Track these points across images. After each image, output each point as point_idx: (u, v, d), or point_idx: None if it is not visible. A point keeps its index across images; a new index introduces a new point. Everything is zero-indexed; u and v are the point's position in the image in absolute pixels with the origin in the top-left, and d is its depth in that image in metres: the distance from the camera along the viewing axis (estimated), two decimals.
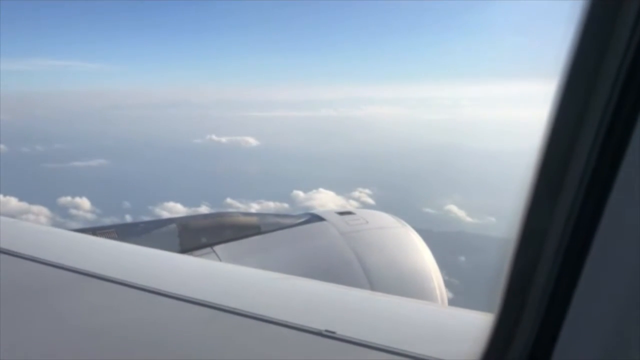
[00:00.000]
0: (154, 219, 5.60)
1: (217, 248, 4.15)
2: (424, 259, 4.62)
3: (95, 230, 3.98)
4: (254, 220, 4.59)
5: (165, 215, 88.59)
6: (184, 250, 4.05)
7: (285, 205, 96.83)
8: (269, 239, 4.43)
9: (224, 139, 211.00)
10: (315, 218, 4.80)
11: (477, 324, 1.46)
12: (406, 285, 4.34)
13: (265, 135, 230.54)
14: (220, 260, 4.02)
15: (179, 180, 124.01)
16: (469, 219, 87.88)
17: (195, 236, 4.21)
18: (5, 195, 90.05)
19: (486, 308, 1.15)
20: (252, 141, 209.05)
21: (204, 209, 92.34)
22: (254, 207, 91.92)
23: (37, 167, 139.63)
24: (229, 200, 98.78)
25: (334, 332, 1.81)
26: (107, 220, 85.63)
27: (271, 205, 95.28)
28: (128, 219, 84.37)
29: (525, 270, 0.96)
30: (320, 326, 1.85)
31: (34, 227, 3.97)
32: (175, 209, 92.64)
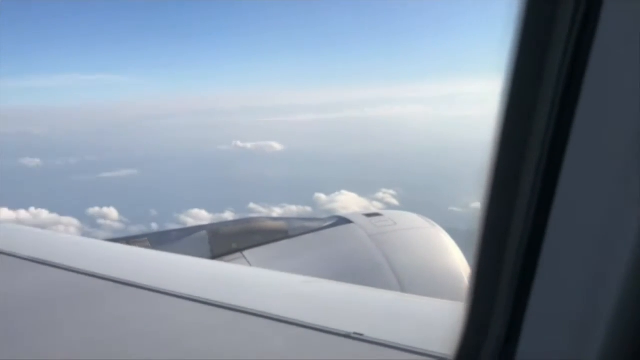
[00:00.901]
0: (185, 227, 5.88)
1: (247, 253, 4.23)
2: (454, 259, 4.57)
3: (129, 240, 4.13)
4: (281, 224, 4.67)
5: (191, 221, 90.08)
6: (215, 256, 4.15)
7: (308, 208, 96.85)
8: (297, 243, 4.49)
9: (249, 145, 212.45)
10: (342, 221, 4.82)
11: None
12: (437, 286, 4.32)
13: (290, 139, 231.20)
14: (250, 264, 4.09)
15: (205, 187, 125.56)
16: None
17: (225, 242, 4.28)
18: (37, 207, 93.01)
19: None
20: (276, 146, 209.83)
21: (228, 215, 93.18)
22: (277, 212, 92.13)
23: (68, 179, 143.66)
24: (252, 205, 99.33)
25: (361, 335, 1.81)
26: (134, 229, 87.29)
27: (294, 209, 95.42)
28: (154, 226, 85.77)
29: (491, 261, 0.97)
30: (348, 329, 1.85)
31: (70, 239, 4.13)
32: (200, 216, 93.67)
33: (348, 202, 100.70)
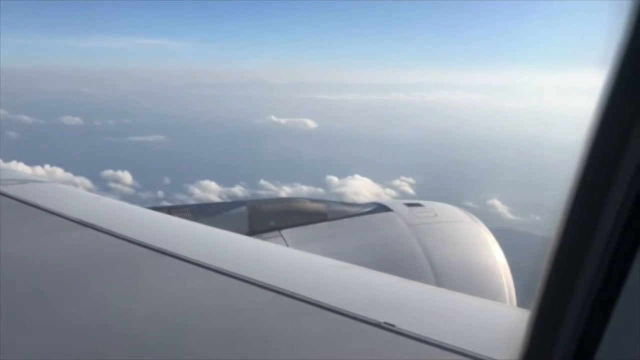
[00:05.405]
0: (227, 201, 5.30)
1: (284, 232, 4.27)
2: (494, 256, 4.49)
3: (170, 209, 4.20)
4: (321, 207, 4.66)
5: (198, 192, 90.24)
6: (253, 232, 4.16)
7: (320, 190, 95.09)
8: (335, 226, 4.48)
9: (283, 120, 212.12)
10: (382, 208, 4.79)
11: None
12: (474, 282, 4.26)
13: (326, 118, 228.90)
14: (286, 244, 4.14)
15: (224, 159, 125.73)
16: (510, 216, 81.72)
17: (264, 219, 4.34)
18: (52, 165, 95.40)
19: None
20: (310, 124, 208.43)
21: (237, 189, 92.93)
22: (286, 191, 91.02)
23: (99, 140, 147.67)
24: (262, 181, 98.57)
25: (393, 325, 1.81)
26: (143, 195, 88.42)
27: (304, 189, 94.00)
28: (160, 194, 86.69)
29: (568, 270, 0.92)
30: (380, 318, 1.86)
31: (115, 204, 4.20)
32: (210, 188, 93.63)
33: (360, 187, 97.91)
